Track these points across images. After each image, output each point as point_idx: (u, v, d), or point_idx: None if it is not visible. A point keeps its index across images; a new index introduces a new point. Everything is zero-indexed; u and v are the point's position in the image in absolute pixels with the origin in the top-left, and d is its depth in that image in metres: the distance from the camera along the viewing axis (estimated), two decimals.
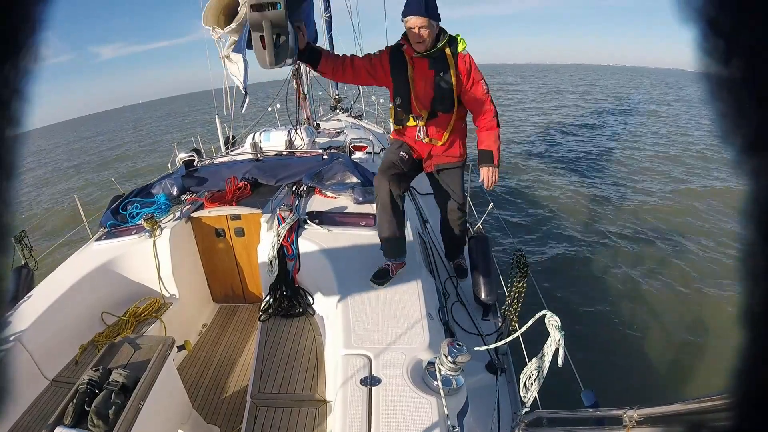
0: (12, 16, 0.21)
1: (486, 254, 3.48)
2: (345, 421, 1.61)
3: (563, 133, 18.46)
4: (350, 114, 8.86)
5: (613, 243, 7.43)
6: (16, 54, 0.21)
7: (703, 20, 0.22)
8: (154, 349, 1.81)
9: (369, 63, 2.63)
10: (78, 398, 1.53)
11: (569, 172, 11.99)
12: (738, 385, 0.24)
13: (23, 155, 0.23)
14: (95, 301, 2.87)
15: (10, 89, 0.21)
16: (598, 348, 4.84)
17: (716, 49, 0.22)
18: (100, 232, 3.44)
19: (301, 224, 2.97)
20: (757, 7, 0.21)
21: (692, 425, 0.30)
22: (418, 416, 1.60)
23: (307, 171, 3.74)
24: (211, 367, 2.86)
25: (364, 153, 4.81)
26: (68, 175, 20.10)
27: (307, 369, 2.53)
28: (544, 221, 8.47)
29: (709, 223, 8.09)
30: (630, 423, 1.01)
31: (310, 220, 2.98)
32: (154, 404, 1.66)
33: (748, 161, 0.22)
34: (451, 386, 1.68)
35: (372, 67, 2.64)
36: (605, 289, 6.03)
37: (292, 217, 2.90)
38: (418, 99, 2.63)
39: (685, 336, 5.07)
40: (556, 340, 1.39)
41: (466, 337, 2.84)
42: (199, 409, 2.39)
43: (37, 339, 2.43)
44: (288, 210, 2.94)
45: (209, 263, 3.61)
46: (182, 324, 3.06)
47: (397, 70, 2.59)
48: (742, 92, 0.22)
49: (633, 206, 9.19)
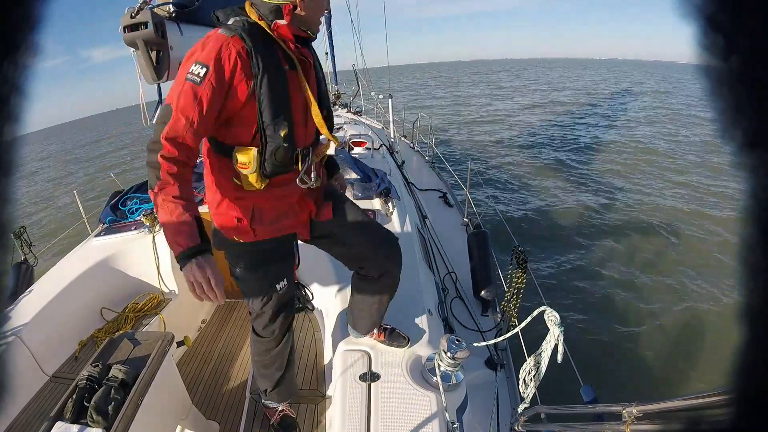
0: (11, 13, 0.21)
1: (485, 250, 3.48)
2: (344, 416, 1.61)
3: (562, 127, 18.43)
4: (349, 110, 8.84)
5: (613, 239, 7.44)
6: (16, 51, 0.21)
7: (703, 16, 0.22)
8: (153, 344, 1.81)
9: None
10: (77, 394, 1.53)
11: (569, 168, 11.98)
12: (737, 381, 0.24)
13: (22, 153, 0.23)
14: (94, 296, 2.87)
15: (10, 85, 0.21)
16: (598, 344, 4.85)
17: (715, 46, 0.22)
18: (99, 228, 3.44)
19: None
20: (756, 4, 0.21)
21: (692, 421, 0.31)
22: (418, 412, 1.60)
23: None
24: (211, 363, 2.87)
25: (363, 149, 4.81)
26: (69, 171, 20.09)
27: (306, 364, 2.54)
28: (543, 217, 8.47)
29: (710, 221, 8.09)
30: (629, 419, 1.01)
31: None
32: (154, 400, 1.66)
33: (748, 158, 0.22)
34: (451, 382, 1.68)
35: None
36: (605, 285, 6.04)
37: None
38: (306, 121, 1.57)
39: (685, 332, 5.09)
40: (555, 335, 1.39)
41: (465, 333, 2.84)
42: (198, 405, 2.40)
43: (37, 335, 2.43)
44: None
45: None
46: (182, 320, 3.05)
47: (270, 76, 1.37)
48: (741, 89, 0.22)
49: (633, 201, 9.20)
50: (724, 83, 0.22)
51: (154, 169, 1.25)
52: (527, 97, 32.11)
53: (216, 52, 1.28)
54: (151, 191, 1.26)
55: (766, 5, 0.21)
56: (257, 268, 1.68)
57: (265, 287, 1.71)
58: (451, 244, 3.80)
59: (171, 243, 1.24)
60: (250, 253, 1.65)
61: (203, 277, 1.20)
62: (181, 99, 1.26)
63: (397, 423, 1.57)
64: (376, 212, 3.11)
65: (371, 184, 3.37)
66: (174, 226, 1.23)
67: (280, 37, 1.40)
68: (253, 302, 1.75)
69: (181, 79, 1.28)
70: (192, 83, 1.26)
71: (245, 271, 1.68)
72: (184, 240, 1.22)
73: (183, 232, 1.22)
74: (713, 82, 0.23)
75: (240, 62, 1.30)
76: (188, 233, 1.23)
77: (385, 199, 3.27)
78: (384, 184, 3.38)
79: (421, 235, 3.34)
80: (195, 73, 1.26)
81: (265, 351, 1.89)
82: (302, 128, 1.53)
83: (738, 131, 0.22)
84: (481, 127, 19.24)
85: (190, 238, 1.23)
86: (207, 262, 1.23)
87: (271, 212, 1.60)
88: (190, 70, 1.27)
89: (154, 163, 1.25)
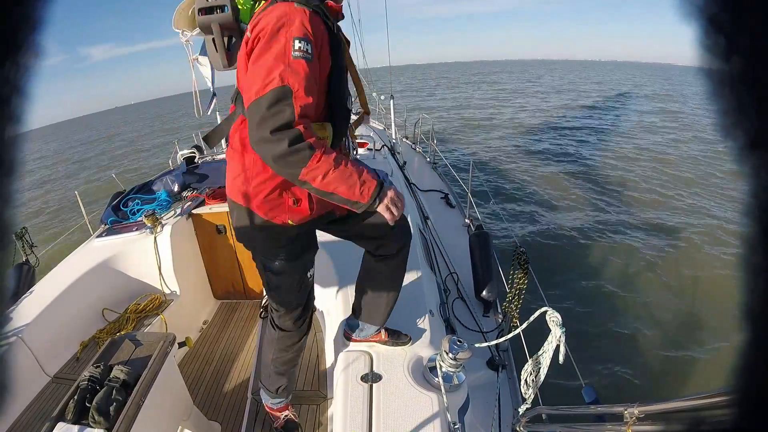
0: (12, 14, 0.21)
1: (487, 250, 3.48)
2: (346, 417, 1.61)
3: (563, 128, 18.43)
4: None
5: (615, 239, 7.43)
6: (17, 51, 0.21)
7: (704, 17, 0.22)
8: (155, 345, 1.81)
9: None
10: (79, 395, 1.53)
11: (571, 169, 11.97)
12: (738, 382, 0.24)
13: (24, 153, 0.23)
14: (96, 297, 2.87)
15: (11, 86, 0.21)
16: (600, 345, 4.84)
17: (717, 46, 0.22)
18: (101, 229, 3.45)
19: None
20: (758, 5, 0.21)
21: (693, 422, 0.31)
22: (419, 413, 1.60)
23: None
24: (212, 364, 2.87)
25: (365, 150, 4.81)
26: (70, 171, 20.13)
27: (308, 365, 2.54)
28: (545, 218, 8.46)
29: (710, 220, 8.08)
30: (631, 419, 1.01)
31: None
32: (155, 401, 1.67)
33: (749, 158, 0.22)
34: (452, 383, 1.68)
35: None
36: (607, 286, 6.03)
37: None
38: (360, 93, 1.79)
39: (686, 332, 5.08)
40: (557, 336, 1.39)
41: (466, 334, 2.84)
42: (200, 406, 2.40)
43: (38, 335, 2.44)
44: None
45: (210, 260, 3.61)
46: (183, 320, 3.06)
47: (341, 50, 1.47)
48: (742, 89, 0.22)
49: (634, 202, 9.19)
50: (725, 84, 0.22)
51: (299, 145, 1.19)
52: (527, 99, 32.11)
53: (310, 25, 1.25)
54: (305, 168, 1.20)
55: (767, 5, 0.21)
56: (298, 256, 1.64)
57: (303, 278, 1.68)
58: (453, 245, 3.79)
59: (361, 189, 1.27)
60: (294, 240, 1.58)
61: (396, 198, 1.33)
62: (301, 78, 1.20)
63: (398, 424, 1.57)
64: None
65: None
66: (357, 175, 1.26)
67: (331, 13, 1.41)
68: (287, 296, 1.71)
69: (287, 57, 1.21)
70: (305, 60, 1.22)
71: (285, 262, 1.62)
72: (372, 178, 1.29)
73: (365, 174, 1.28)
74: (714, 83, 0.23)
75: (327, 37, 1.32)
76: (369, 172, 1.30)
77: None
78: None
79: (423, 236, 3.34)
80: (303, 50, 1.22)
81: (290, 345, 1.85)
82: (351, 100, 1.60)
83: (739, 132, 0.22)
84: (482, 129, 19.24)
85: (374, 175, 1.32)
86: (391, 186, 1.35)
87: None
88: (296, 47, 1.21)
89: (295, 140, 1.19)
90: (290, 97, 1.19)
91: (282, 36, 1.22)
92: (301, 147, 1.19)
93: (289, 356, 1.89)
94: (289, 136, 1.18)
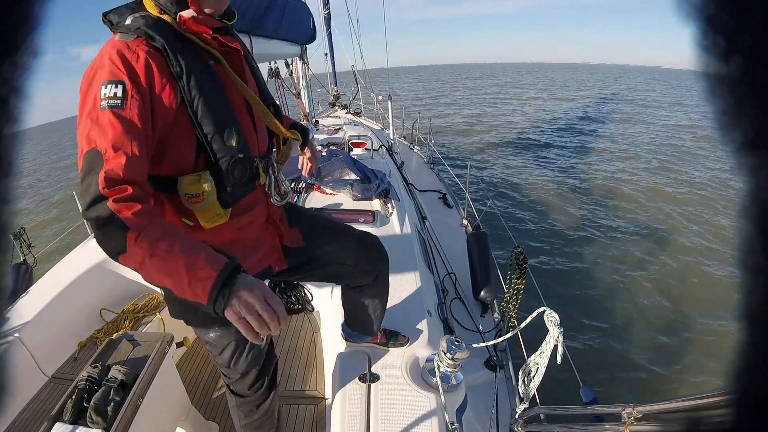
0: (11, 14, 0.21)
1: (485, 251, 3.48)
2: (344, 417, 1.61)
3: (561, 129, 18.46)
4: (349, 111, 8.85)
5: (613, 239, 7.45)
6: (15, 51, 0.21)
7: (703, 17, 0.22)
8: (152, 345, 1.81)
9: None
10: (77, 395, 1.53)
11: (569, 170, 11.99)
12: (737, 382, 0.24)
13: (22, 153, 0.23)
14: (94, 297, 2.86)
15: (9, 86, 0.21)
16: (598, 345, 4.85)
17: (715, 47, 0.22)
18: None
19: None
20: (757, 5, 0.21)
21: (691, 422, 0.31)
22: (417, 413, 1.60)
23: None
24: (210, 364, 2.86)
25: (362, 149, 4.82)
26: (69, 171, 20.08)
27: (306, 365, 2.54)
28: (543, 218, 8.48)
29: (711, 219, 8.10)
30: (629, 420, 1.01)
31: None
32: (153, 401, 1.66)
33: (748, 159, 0.22)
34: (450, 383, 1.68)
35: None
36: (604, 286, 6.04)
37: None
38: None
39: (685, 333, 5.09)
40: (555, 336, 1.39)
41: (464, 334, 2.84)
42: (198, 406, 2.39)
43: (36, 335, 2.43)
44: None
45: None
46: (181, 320, 3.05)
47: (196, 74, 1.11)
48: (741, 90, 0.22)
49: (633, 203, 9.21)
50: (724, 84, 0.22)
51: (108, 227, 0.89)
52: (527, 99, 32.14)
53: (121, 61, 0.98)
54: (123, 255, 0.89)
55: (767, 5, 0.21)
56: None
57: (247, 341, 1.26)
58: (451, 245, 3.79)
59: (192, 286, 0.87)
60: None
61: (259, 302, 0.87)
62: (108, 134, 0.93)
63: (396, 424, 1.57)
64: (376, 213, 3.11)
65: (371, 184, 3.37)
66: (185, 265, 0.88)
67: (189, 31, 1.10)
68: (236, 363, 1.44)
69: (95, 112, 0.96)
70: (112, 110, 0.95)
71: (222, 330, 1.37)
72: (209, 268, 0.88)
73: (199, 262, 0.88)
74: (713, 84, 0.23)
75: (154, 63, 1.02)
76: (207, 259, 0.89)
77: (384, 199, 3.27)
78: (383, 185, 3.38)
79: (421, 236, 3.34)
80: (109, 96, 0.96)
81: (254, 409, 1.62)
82: (252, 133, 1.25)
83: (738, 132, 0.22)
84: (480, 129, 19.26)
85: (215, 261, 0.89)
86: (250, 279, 0.91)
87: (239, 247, 1.29)
88: (102, 96, 0.96)
89: (104, 219, 0.90)
90: (100, 162, 0.93)
91: (94, 85, 0.98)
92: (109, 229, 0.90)
93: (256, 422, 1.66)
94: (96, 214, 0.91)
